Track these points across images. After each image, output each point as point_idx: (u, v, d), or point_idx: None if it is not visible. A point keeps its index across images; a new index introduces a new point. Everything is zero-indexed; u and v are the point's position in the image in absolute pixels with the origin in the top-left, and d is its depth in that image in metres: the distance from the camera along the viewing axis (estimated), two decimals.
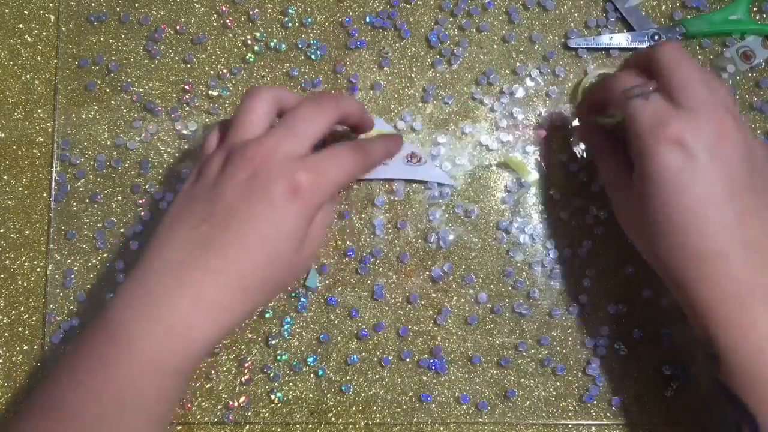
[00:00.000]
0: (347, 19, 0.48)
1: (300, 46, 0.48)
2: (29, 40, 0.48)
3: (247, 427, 0.45)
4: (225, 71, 0.47)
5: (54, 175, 0.47)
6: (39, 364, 0.45)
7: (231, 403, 0.45)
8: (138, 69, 0.48)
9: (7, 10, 0.48)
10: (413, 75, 0.48)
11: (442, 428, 0.45)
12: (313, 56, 0.48)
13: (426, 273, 0.46)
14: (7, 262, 0.46)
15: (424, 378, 0.45)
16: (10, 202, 0.47)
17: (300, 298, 0.46)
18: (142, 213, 0.46)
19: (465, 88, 0.48)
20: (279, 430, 0.45)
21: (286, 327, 0.45)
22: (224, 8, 0.48)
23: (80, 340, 0.35)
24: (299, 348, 0.45)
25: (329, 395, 0.45)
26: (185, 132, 0.47)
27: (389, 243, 0.46)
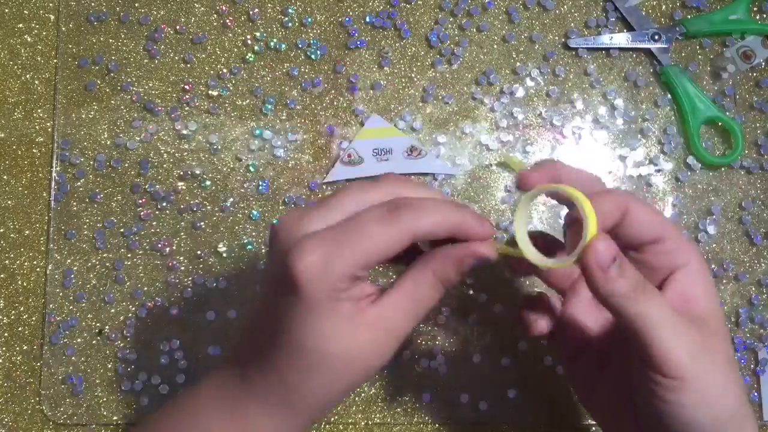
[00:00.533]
0: (347, 19, 0.48)
1: (300, 46, 0.48)
2: (29, 40, 0.48)
3: None
4: (225, 71, 0.47)
5: (54, 175, 0.47)
6: (39, 364, 0.45)
7: None
8: (138, 69, 0.48)
9: (7, 10, 0.48)
10: (413, 75, 0.48)
11: (442, 428, 0.45)
12: (313, 56, 0.48)
13: None
14: (7, 262, 0.46)
15: (424, 378, 0.45)
16: (10, 202, 0.47)
17: None
18: (142, 213, 0.46)
19: (465, 88, 0.48)
20: None
21: None
22: (224, 8, 0.48)
23: None
24: None
25: None
26: (185, 132, 0.47)
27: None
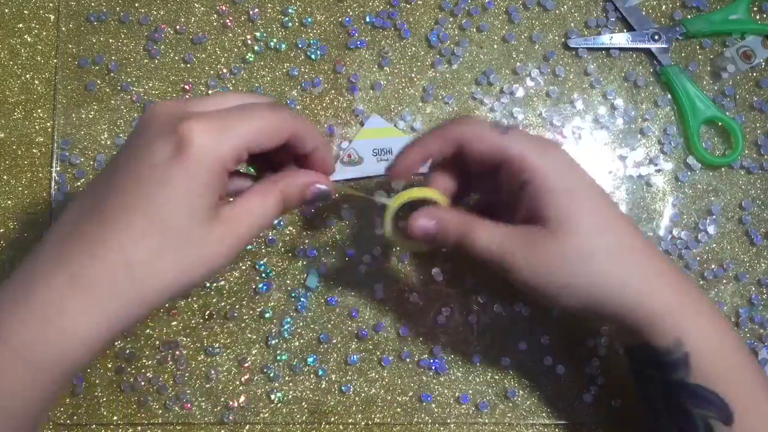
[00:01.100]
0: (347, 19, 0.48)
1: (300, 46, 0.48)
2: (29, 40, 0.48)
3: (247, 427, 0.45)
4: (225, 71, 0.47)
5: (54, 175, 0.47)
6: None
7: (231, 403, 0.45)
8: (138, 69, 0.48)
9: (7, 10, 0.48)
10: (413, 75, 0.48)
11: (442, 428, 0.45)
12: (313, 56, 0.48)
13: (426, 273, 0.46)
14: (7, 262, 0.46)
15: (424, 378, 0.45)
16: (10, 202, 0.47)
17: (300, 298, 0.46)
18: None
19: (465, 88, 0.48)
20: (279, 430, 0.45)
21: (286, 327, 0.45)
22: (224, 8, 0.48)
23: None
24: (299, 348, 0.45)
25: (329, 395, 0.45)
26: None
27: (389, 242, 0.46)
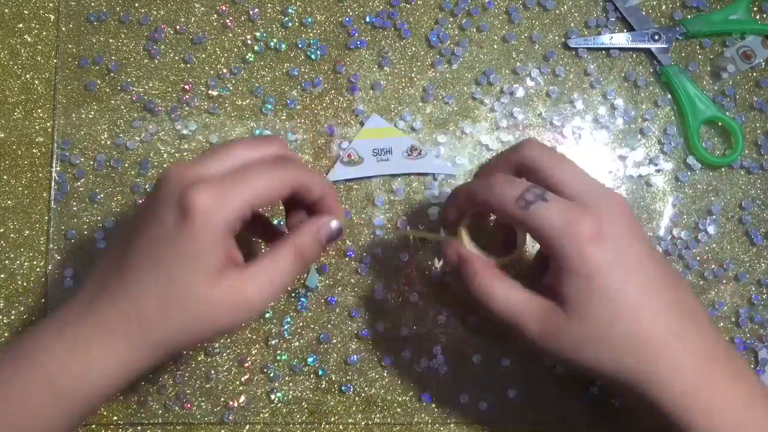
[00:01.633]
0: (347, 19, 0.48)
1: (300, 46, 0.48)
2: (29, 40, 0.48)
3: (247, 427, 0.45)
4: (225, 71, 0.47)
5: (54, 175, 0.47)
6: None
7: (231, 403, 0.45)
8: (138, 69, 0.48)
9: (7, 10, 0.48)
10: (413, 75, 0.48)
11: (442, 428, 0.45)
12: (313, 56, 0.48)
13: (426, 272, 0.46)
14: (7, 262, 0.46)
15: (424, 378, 0.45)
16: (10, 202, 0.47)
17: (300, 298, 0.46)
18: None
19: (465, 88, 0.48)
20: (279, 430, 0.45)
21: (286, 327, 0.45)
22: (224, 8, 0.48)
23: None
24: (299, 348, 0.45)
25: (329, 395, 0.45)
26: (185, 132, 0.47)
27: (389, 243, 0.46)
